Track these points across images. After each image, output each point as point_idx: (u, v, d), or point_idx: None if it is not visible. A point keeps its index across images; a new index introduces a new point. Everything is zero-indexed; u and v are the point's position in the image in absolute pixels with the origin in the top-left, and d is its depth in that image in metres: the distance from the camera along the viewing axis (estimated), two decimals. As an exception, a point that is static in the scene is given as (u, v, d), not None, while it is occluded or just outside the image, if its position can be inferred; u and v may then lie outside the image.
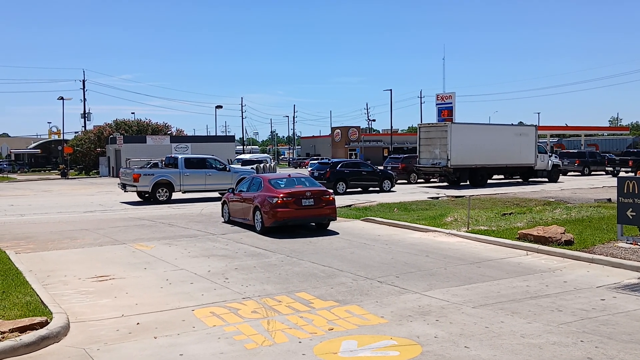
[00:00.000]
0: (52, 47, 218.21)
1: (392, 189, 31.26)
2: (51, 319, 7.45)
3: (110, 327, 7.51)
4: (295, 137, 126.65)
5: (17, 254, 13.04)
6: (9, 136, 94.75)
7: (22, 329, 6.98)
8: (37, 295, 8.85)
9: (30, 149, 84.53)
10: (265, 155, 60.97)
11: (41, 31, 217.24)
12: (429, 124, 37.47)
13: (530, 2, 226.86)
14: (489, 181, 35.44)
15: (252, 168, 34.17)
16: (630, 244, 11.85)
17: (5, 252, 12.88)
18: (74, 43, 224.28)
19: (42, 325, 7.17)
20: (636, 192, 11.66)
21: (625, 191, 11.89)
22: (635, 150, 47.18)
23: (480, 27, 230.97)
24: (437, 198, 25.56)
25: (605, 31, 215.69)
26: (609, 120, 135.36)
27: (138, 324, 7.64)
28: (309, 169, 37.43)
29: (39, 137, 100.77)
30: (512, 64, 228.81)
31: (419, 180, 37.89)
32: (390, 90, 78.17)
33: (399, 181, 35.33)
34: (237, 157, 45.45)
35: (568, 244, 12.24)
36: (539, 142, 38.10)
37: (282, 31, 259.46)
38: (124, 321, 7.77)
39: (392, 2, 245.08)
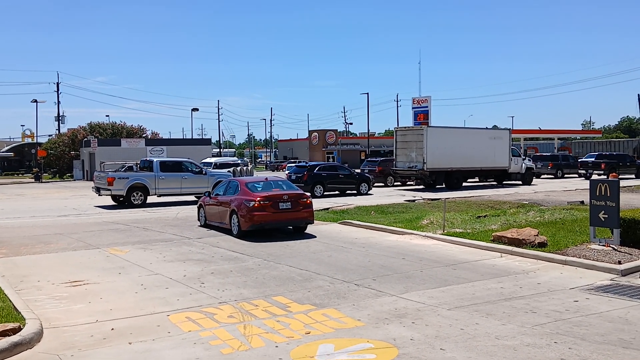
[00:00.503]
0: (25, 50, 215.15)
1: (369, 192, 31.36)
2: (24, 325, 7.33)
3: (84, 333, 7.41)
4: (273, 140, 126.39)
5: (-11, 259, 12.81)
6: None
7: (-6, 336, 6.86)
8: (10, 301, 8.71)
9: (2, 152, 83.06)
10: (233, 158, 55.15)
11: (14, 33, 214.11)
12: (405, 127, 37.71)
13: (504, 7, 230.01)
14: (464, 184, 35.78)
15: (229, 171, 34.00)
16: (603, 245, 12.03)
17: (-24, 257, 12.64)
18: (48, 45, 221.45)
19: (14, 331, 7.05)
20: (608, 194, 11.85)
21: (597, 194, 12.08)
22: (607, 152, 48.01)
23: (456, 32, 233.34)
24: (414, 201, 25.71)
25: (578, 36, 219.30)
26: (582, 124, 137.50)
27: (112, 329, 7.55)
28: (287, 172, 37.39)
29: (12, 140, 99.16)
30: (487, 68, 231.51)
31: (395, 183, 38.07)
32: (367, 94, 78.57)
33: (376, 184, 35.48)
34: (203, 160, 42.65)
35: (542, 246, 12.40)
36: (512, 145, 38.58)
37: (260, 34, 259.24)
38: (99, 327, 7.68)
39: (368, 6, 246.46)
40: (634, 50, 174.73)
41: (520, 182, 37.80)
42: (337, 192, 31.06)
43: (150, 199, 26.89)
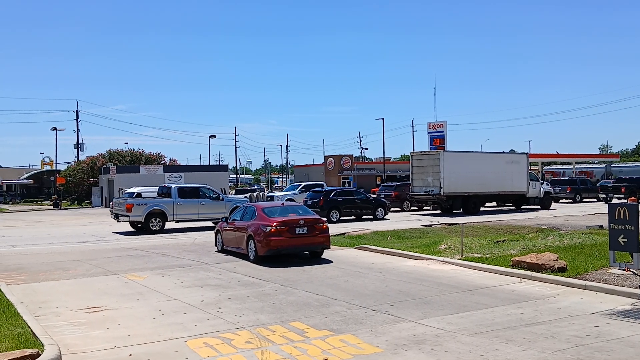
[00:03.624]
0: (45, 78, 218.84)
1: (385, 217, 31.29)
2: (43, 351, 7.37)
3: (102, 359, 7.44)
4: (289, 166, 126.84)
5: (9, 285, 12.94)
6: (1, 167, 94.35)
7: (13, 362, 6.91)
8: (29, 327, 8.77)
9: (22, 179, 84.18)
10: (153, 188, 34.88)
11: (34, 62, 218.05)
12: (421, 152, 37.70)
13: (520, 32, 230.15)
14: (481, 209, 35.56)
15: (245, 197, 34.15)
16: (623, 270, 11.87)
17: (-4, 283, 12.76)
18: (68, 74, 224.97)
19: (33, 357, 7.09)
20: (627, 218, 11.70)
21: (616, 217, 11.94)
22: (628, 177, 47.57)
23: (471, 57, 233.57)
24: (431, 226, 25.59)
25: (595, 61, 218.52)
26: (600, 148, 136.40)
27: (130, 355, 7.57)
28: (303, 197, 37.45)
29: (31, 167, 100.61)
30: (503, 93, 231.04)
31: (412, 208, 37.97)
32: (383, 119, 78.63)
33: (392, 209, 35.42)
34: (127, 191, 35.79)
35: (561, 270, 12.26)
36: (530, 169, 38.37)
37: (275, 61, 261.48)
38: (117, 353, 7.70)
39: (383, 32, 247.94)
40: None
41: (538, 207, 37.52)
42: (353, 217, 31.02)
43: (168, 225, 27.05)
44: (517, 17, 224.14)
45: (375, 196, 35.36)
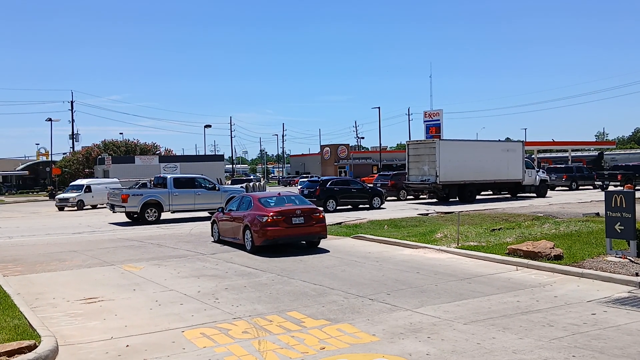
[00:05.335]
0: (40, 69, 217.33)
1: (381, 206, 31.31)
2: (39, 343, 7.36)
3: (99, 350, 7.42)
4: (285, 156, 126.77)
5: (5, 276, 12.91)
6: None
7: (10, 353, 6.89)
8: (26, 318, 8.75)
9: (18, 170, 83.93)
10: (111, 180, 42.77)
11: (29, 53, 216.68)
12: (417, 141, 37.71)
13: (516, 19, 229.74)
14: (477, 197, 35.62)
15: (241, 187, 34.12)
16: (620, 257, 11.90)
17: (-8, 275, 12.73)
18: (62, 64, 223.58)
19: (30, 348, 7.08)
20: (624, 206, 11.74)
21: (613, 205, 11.97)
22: (624, 164, 47.66)
23: (467, 45, 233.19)
24: (427, 214, 25.60)
25: (591, 47, 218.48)
26: (596, 135, 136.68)
27: (127, 346, 7.56)
28: (299, 187, 37.46)
29: (26, 158, 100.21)
30: (499, 81, 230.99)
31: (408, 197, 38.01)
32: (379, 108, 78.55)
33: (388, 198, 35.44)
34: (72, 183, 41.81)
35: (557, 258, 12.28)
36: (526, 157, 38.37)
37: (271, 51, 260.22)
38: (114, 343, 7.69)
39: (379, 21, 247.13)
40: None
41: (534, 195, 37.58)
42: (349, 207, 31.03)
43: (164, 215, 27.01)
44: (514, 3, 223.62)
45: (371, 185, 35.35)
